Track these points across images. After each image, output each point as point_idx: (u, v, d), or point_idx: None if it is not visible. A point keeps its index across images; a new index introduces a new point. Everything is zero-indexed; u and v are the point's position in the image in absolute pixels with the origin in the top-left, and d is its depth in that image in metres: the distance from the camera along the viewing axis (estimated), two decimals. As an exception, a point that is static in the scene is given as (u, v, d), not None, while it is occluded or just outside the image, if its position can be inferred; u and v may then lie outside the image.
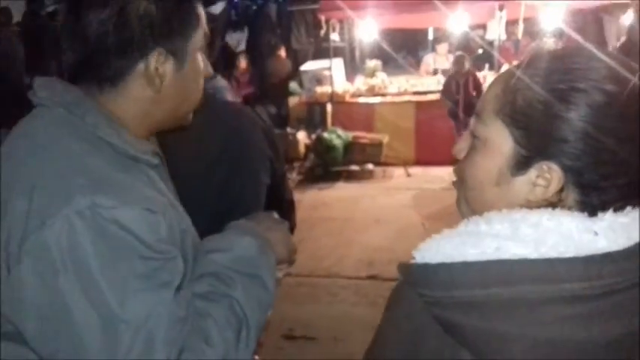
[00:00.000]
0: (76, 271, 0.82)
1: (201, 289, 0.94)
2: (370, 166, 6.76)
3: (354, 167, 6.75)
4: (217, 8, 9.67)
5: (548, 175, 0.71)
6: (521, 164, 0.72)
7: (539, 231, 0.67)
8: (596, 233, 0.68)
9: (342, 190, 6.43)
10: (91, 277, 0.83)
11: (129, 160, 0.95)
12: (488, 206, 0.74)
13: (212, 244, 1.02)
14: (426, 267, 0.70)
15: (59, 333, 0.84)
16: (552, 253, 0.66)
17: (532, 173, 0.72)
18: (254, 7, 11.34)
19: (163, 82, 0.97)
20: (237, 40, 10.16)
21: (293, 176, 6.80)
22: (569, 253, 0.66)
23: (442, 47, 8.13)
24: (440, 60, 8.06)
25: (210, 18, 1.17)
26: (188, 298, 0.90)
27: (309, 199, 6.08)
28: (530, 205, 0.72)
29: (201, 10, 1.02)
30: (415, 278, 0.71)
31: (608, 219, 0.69)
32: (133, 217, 0.86)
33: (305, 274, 4.28)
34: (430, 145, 6.68)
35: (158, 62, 0.96)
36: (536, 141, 0.71)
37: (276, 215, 1.18)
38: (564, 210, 0.71)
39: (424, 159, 6.71)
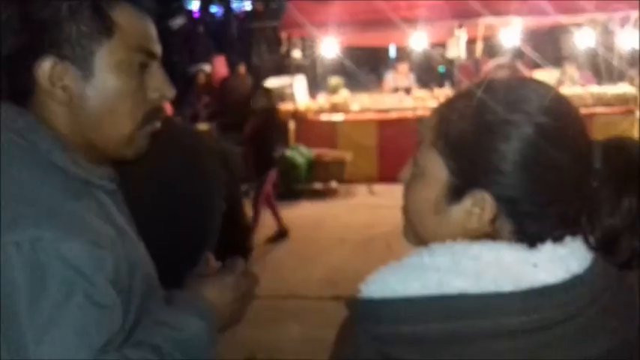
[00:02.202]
0: (1, 304, 0.79)
1: (136, 357, 0.87)
2: (333, 184, 6.78)
3: (318, 185, 6.76)
4: (176, 23, 9.61)
5: (482, 204, 0.72)
6: (456, 194, 0.74)
7: (479, 264, 0.68)
8: (535, 265, 0.69)
9: (305, 209, 6.40)
10: (14, 312, 0.79)
11: (82, 185, 0.91)
12: (430, 234, 0.76)
13: (165, 316, 0.95)
14: (370, 302, 0.70)
15: None
16: (491, 287, 0.67)
17: (467, 202, 0.73)
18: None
19: (71, 94, 0.91)
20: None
21: (254, 195, 6.76)
22: (508, 286, 0.67)
23: (403, 66, 8.26)
24: (400, 78, 8.16)
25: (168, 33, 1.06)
26: None
27: (270, 219, 5.93)
28: (469, 233, 0.73)
29: (125, 19, 0.93)
30: (360, 313, 0.71)
31: (546, 251, 0.70)
32: (76, 251, 0.82)
33: (267, 296, 4.19)
34: (393, 163, 6.61)
35: (55, 72, 0.89)
36: (468, 171, 0.73)
37: (241, 270, 1.10)
38: (504, 242, 0.71)
39: (387, 176, 6.71)
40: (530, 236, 0.72)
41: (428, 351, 0.67)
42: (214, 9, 12.50)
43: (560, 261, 0.70)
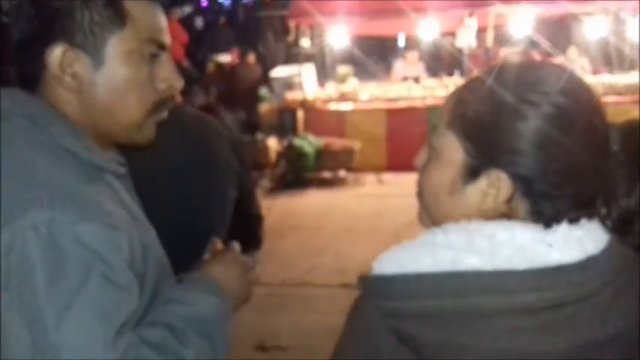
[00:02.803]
0: (19, 286, 0.79)
1: (153, 337, 0.89)
2: (342, 172, 6.77)
3: (326, 174, 6.75)
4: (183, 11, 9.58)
5: (497, 184, 0.73)
6: (471, 174, 0.75)
7: (494, 243, 0.69)
8: (550, 245, 0.69)
9: (313, 198, 6.42)
10: (33, 295, 0.79)
11: (94, 170, 0.92)
12: (445, 216, 0.76)
13: (176, 293, 0.97)
14: (382, 278, 0.71)
15: None
16: (506, 265, 0.67)
17: (483, 182, 0.74)
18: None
19: (80, 81, 0.92)
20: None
21: (264, 183, 6.77)
22: (523, 265, 0.67)
23: (412, 55, 8.20)
24: (409, 67, 8.12)
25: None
26: (130, 344, 0.85)
27: (280, 207, 6.04)
28: (485, 214, 0.74)
29: (138, 9, 0.94)
30: (371, 289, 0.72)
31: (562, 231, 0.70)
32: (94, 233, 0.83)
33: (276, 284, 4.25)
34: (402, 152, 6.67)
35: (65, 59, 0.91)
36: (484, 151, 0.74)
37: (238, 252, 1.12)
38: (519, 222, 0.72)
39: (396, 165, 6.72)
40: (546, 217, 0.72)
41: (440, 326, 0.67)
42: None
43: (576, 241, 0.70)
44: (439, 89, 7.31)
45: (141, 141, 1.01)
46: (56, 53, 0.90)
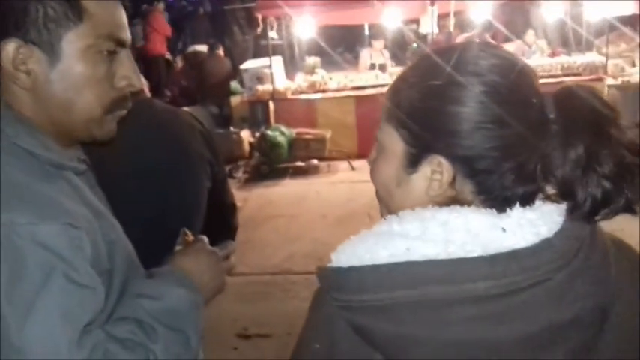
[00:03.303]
0: None
1: (120, 333, 0.87)
2: (315, 161, 6.82)
3: (299, 163, 6.79)
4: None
5: (439, 169, 0.72)
6: (413, 162, 0.74)
7: (447, 230, 0.68)
8: (504, 230, 0.67)
9: (288, 187, 6.46)
10: None
11: (53, 168, 0.90)
12: (399, 207, 0.76)
13: (143, 287, 0.95)
14: (338, 270, 0.70)
15: None
16: (460, 253, 0.66)
17: (426, 169, 0.73)
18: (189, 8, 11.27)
19: (35, 78, 0.89)
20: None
21: (239, 175, 6.79)
22: (476, 251, 0.66)
23: (378, 43, 8.27)
24: (376, 55, 8.20)
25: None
26: (97, 341, 0.83)
27: (255, 198, 6.08)
28: (435, 200, 0.73)
29: (96, 5, 0.91)
30: (328, 282, 0.71)
31: (515, 215, 0.69)
32: (53, 234, 0.81)
33: (256, 273, 4.29)
34: (372, 138, 6.71)
35: (19, 55, 0.87)
36: (421, 138, 0.73)
37: (207, 244, 1.11)
38: (472, 207, 0.71)
39: (367, 152, 6.55)
40: (494, 196, 0.72)
41: (393, 318, 0.66)
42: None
43: (530, 225, 0.68)
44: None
45: (101, 137, 0.97)
46: (9, 49, 0.86)
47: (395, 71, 7.56)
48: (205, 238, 1.11)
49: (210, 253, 1.08)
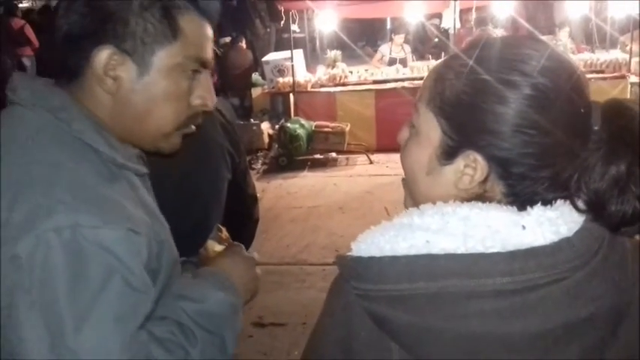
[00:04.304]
0: (41, 288, 0.79)
1: (161, 333, 0.88)
2: (334, 154, 6.85)
3: (318, 156, 6.82)
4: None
5: (474, 165, 0.71)
6: (448, 154, 0.73)
7: (468, 225, 0.67)
8: (523, 227, 0.67)
9: (306, 179, 6.49)
10: (54, 298, 0.79)
11: (116, 168, 0.92)
12: (423, 195, 0.76)
13: (186, 289, 0.97)
14: (358, 260, 0.70)
15: (9, 349, 0.81)
16: (479, 248, 0.66)
17: (460, 162, 0.72)
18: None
19: (120, 85, 0.92)
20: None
21: (258, 166, 6.85)
22: (495, 247, 0.66)
23: (399, 37, 8.21)
24: (396, 49, 8.16)
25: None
26: (141, 342, 0.85)
27: (273, 189, 6.13)
28: (461, 194, 0.72)
29: (191, 26, 0.93)
30: (348, 271, 0.71)
31: (535, 213, 0.69)
32: (115, 238, 0.82)
33: (272, 263, 4.33)
34: (391, 132, 6.63)
35: (110, 62, 0.90)
36: (461, 132, 0.72)
37: (244, 249, 1.13)
38: (493, 203, 0.70)
39: (386, 145, 6.82)
40: (522, 199, 0.71)
41: (413, 309, 0.67)
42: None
43: (549, 223, 0.68)
44: (426, 71, 7.43)
45: (166, 150, 1.01)
46: (103, 55, 0.89)
47: (416, 65, 7.54)
48: (242, 245, 1.14)
49: (248, 258, 1.10)
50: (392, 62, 7.97)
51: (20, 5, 11.60)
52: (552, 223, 0.68)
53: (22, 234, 0.79)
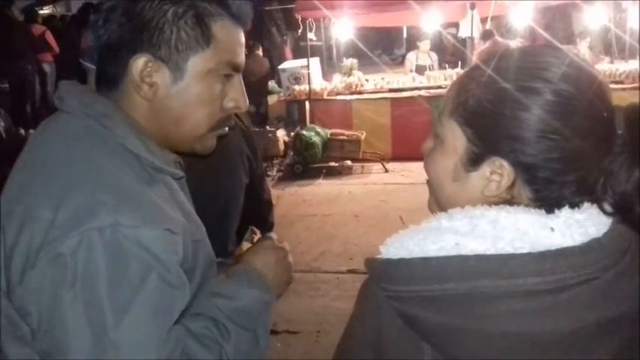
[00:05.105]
0: (83, 285, 0.83)
1: (197, 329, 0.93)
2: (349, 162, 6.86)
3: (333, 164, 6.83)
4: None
5: (500, 171, 0.73)
6: (474, 161, 0.75)
7: (497, 227, 0.69)
8: (552, 229, 0.69)
9: (321, 187, 6.50)
10: (96, 294, 0.83)
11: (154, 171, 0.96)
12: (450, 202, 0.77)
13: (220, 287, 1.01)
14: (388, 262, 0.72)
15: (53, 342, 0.84)
16: (508, 249, 0.67)
17: (485, 169, 0.74)
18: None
19: (156, 91, 0.96)
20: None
21: (273, 173, 6.87)
22: (525, 249, 0.67)
23: (424, 44, 8.14)
24: (422, 57, 8.11)
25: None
26: (178, 337, 0.89)
27: (288, 196, 6.15)
28: (488, 200, 0.74)
29: (223, 32, 0.97)
30: (378, 273, 0.73)
31: (564, 215, 0.70)
32: (154, 238, 0.86)
33: None
34: (406, 141, 6.80)
35: (147, 69, 0.94)
36: (486, 139, 0.74)
37: (275, 240, 1.16)
38: (522, 207, 0.72)
39: (401, 154, 6.83)
40: (550, 203, 0.72)
41: (443, 310, 0.67)
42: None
43: (578, 225, 0.69)
44: (443, 80, 7.42)
45: (201, 151, 1.05)
46: (140, 62, 0.93)
47: (433, 74, 7.53)
48: (274, 235, 1.17)
49: (278, 249, 1.13)
50: (418, 70, 7.90)
51: (41, 12, 11.79)
52: (581, 225, 0.69)
53: (66, 233, 0.83)
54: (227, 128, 1.07)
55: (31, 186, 0.90)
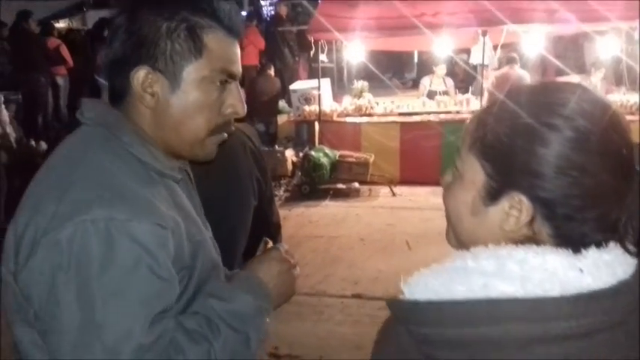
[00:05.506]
0: (76, 270, 0.91)
1: (189, 325, 1.00)
2: (356, 184, 6.84)
3: (341, 185, 6.82)
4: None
5: (519, 206, 0.73)
6: (492, 195, 0.75)
7: (525, 268, 0.68)
8: (581, 270, 0.68)
9: (328, 208, 6.49)
10: (87, 278, 0.90)
11: (156, 174, 1.04)
12: (469, 236, 0.78)
13: (217, 289, 1.08)
14: (415, 304, 0.70)
15: (48, 321, 0.93)
16: (538, 291, 0.66)
17: (504, 204, 0.74)
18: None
19: (157, 100, 1.04)
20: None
21: (280, 193, 6.86)
22: (555, 290, 0.66)
23: (440, 69, 8.08)
24: (436, 81, 8.06)
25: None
26: (166, 329, 0.95)
27: (295, 217, 6.13)
28: (508, 235, 0.74)
29: (215, 42, 1.04)
30: (404, 315, 0.71)
31: (592, 256, 0.69)
32: (144, 231, 0.93)
33: None
34: (415, 165, 6.81)
35: (147, 80, 1.03)
36: (504, 174, 0.74)
37: (282, 252, 1.20)
38: (548, 246, 0.71)
39: (409, 178, 6.82)
40: (571, 240, 0.71)
41: (477, 354, 0.66)
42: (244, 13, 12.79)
43: (606, 266, 0.69)
44: (452, 105, 7.44)
45: (202, 157, 1.12)
46: (140, 74, 1.02)
47: (443, 99, 7.54)
48: (284, 247, 1.22)
49: (284, 260, 1.18)
50: (431, 95, 7.87)
51: (57, 26, 11.95)
52: (609, 265, 0.69)
53: (65, 222, 0.92)
54: (226, 135, 1.14)
55: (41, 183, 1.02)
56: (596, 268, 0.68)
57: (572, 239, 0.71)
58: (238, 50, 1.09)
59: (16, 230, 0.98)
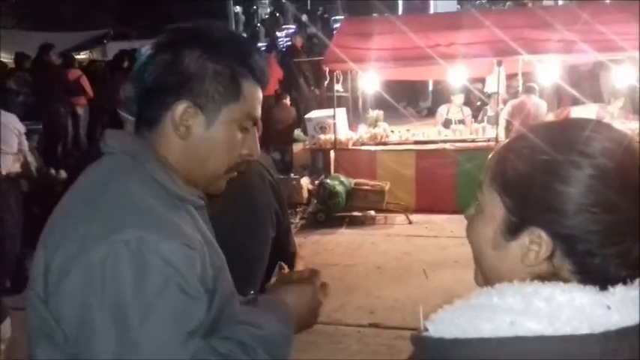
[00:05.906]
0: (110, 290, 0.94)
1: (221, 348, 1.02)
2: (372, 212, 6.84)
3: (357, 213, 6.81)
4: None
5: (538, 241, 0.73)
6: (513, 230, 0.75)
7: (552, 305, 0.68)
8: (609, 307, 0.67)
9: (344, 236, 6.48)
10: (121, 298, 0.93)
11: (178, 200, 1.09)
12: (493, 271, 0.78)
13: (248, 316, 1.12)
14: (441, 341, 0.69)
15: (82, 343, 0.95)
16: (567, 329, 0.66)
17: (525, 239, 0.74)
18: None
19: (190, 133, 1.10)
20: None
21: (296, 221, 6.86)
22: (584, 328, 0.66)
23: (458, 97, 8.06)
24: (454, 110, 8.04)
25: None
26: (200, 348, 0.98)
27: (310, 244, 6.12)
28: (530, 270, 0.74)
29: (249, 91, 1.13)
30: (429, 352, 0.71)
31: (619, 293, 0.69)
32: (173, 250, 0.97)
33: None
34: (431, 193, 6.80)
35: (186, 114, 1.09)
36: (524, 209, 0.74)
37: (314, 290, 1.25)
38: (575, 284, 0.71)
39: (425, 206, 6.81)
40: (595, 277, 0.71)
41: None
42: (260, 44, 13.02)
43: (633, 303, 0.68)
44: (467, 134, 7.44)
45: (213, 190, 1.19)
46: (180, 108, 1.09)
47: (458, 128, 7.56)
48: (319, 278, 1.29)
49: (314, 298, 1.24)
50: (447, 124, 7.86)
51: (79, 57, 12.23)
52: (635, 302, 0.69)
53: (97, 243, 0.95)
54: (236, 173, 1.21)
55: (68, 209, 1.06)
56: (624, 305, 0.68)
57: (595, 276, 0.71)
58: (261, 99, 1.17)
59: (45, 255, 1.00)
